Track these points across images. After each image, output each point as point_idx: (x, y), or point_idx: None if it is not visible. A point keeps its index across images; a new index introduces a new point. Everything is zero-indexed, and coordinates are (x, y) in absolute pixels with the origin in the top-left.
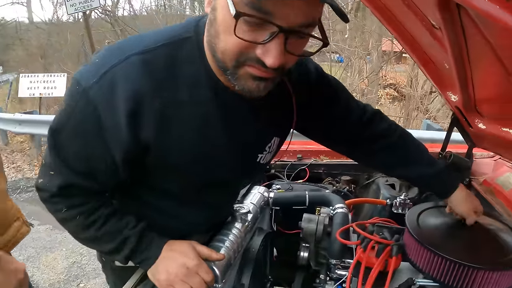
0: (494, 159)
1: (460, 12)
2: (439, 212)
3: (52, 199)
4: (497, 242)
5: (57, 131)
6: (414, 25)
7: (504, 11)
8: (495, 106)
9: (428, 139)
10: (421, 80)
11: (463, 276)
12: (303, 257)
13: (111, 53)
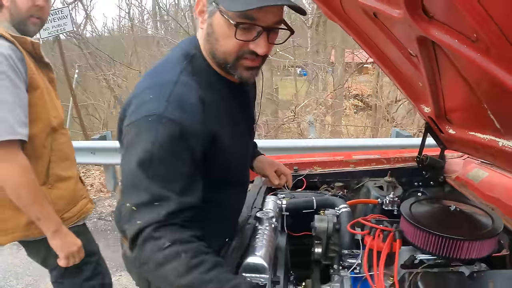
0: (462, 158)
1: (435, 46)
2: (425, 203)
3: (156, 233)
4: (474, 221)
5: (145, 162)
6: (393, 53)
7: (470, 49)
8: (462, 115)
9: (398, 146)
10: (386, 90)
11: (453, 248)
12: (317, 252)
13: (159, 84)
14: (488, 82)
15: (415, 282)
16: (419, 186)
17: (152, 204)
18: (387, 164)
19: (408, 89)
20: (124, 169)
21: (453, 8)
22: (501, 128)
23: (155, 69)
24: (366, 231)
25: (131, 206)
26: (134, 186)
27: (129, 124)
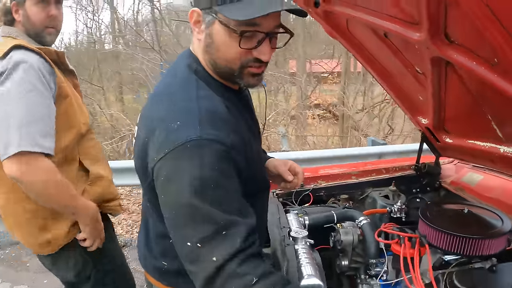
0: (454, 163)
1: (447, 66)
2: (439, 208)
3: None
4: (486, 220)
5: (200, 189)
6: (396, 69)
7: (488, 71)
8: (462, 125)
9: (375, 154)
10: (351, 99)
11: (475, 246)
12: (344, 265)
13: (181, 107)
14: (498, 98)
15: (451, 281)
16: (417, 193)
17: (221, 234)
18: (387, 174)
19: (406, 102)
20: (173, 206)
21: (477, 35)
22: (503, 136)
23: (166, 92)
24: (395, 240)
25: (194, 243)
26: (192, 220)
27: (162, 158)
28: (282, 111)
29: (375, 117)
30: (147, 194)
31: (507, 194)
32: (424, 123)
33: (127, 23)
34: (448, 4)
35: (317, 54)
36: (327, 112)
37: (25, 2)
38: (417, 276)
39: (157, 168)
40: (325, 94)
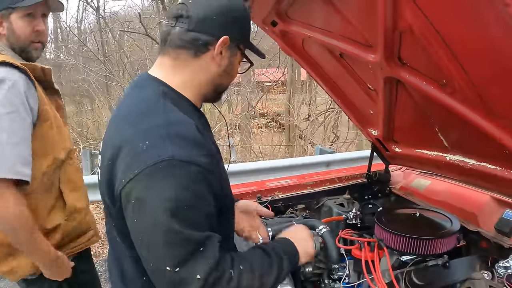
0: (402, 170)
1: (398, 84)
2: (392, 213)
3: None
4: (437, 222)
5: (177, 210)
6: (349, 86)
7: (437, 91)
8: (411, 136)
9: (323, 163)
10: (297, 108)
11: (424, 246)
12: (308, 271)
13: (150, 128)
14: (444, 112)
15: (410, 278)
16: (370, 199)
17: (199, 251)
18: (340, 183)
19: (357, 115)
20: (147, 230)
21: (428, 58)
22: (448, 145)
23: (133, 114)
24: (355, 245)
25: (172, 268)
26: (169, 243)
27: (132, 180)
28: (229, 122)
29: (320, 125)
30: (117, 225)
31: (454, 197)
32: (375, 135)
33: (70, 31)
34: (403, 31)
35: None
36: (272, 122)
37: (10, 15)
38: (378, 276)
39: (126, 191)
40: (271, 104)
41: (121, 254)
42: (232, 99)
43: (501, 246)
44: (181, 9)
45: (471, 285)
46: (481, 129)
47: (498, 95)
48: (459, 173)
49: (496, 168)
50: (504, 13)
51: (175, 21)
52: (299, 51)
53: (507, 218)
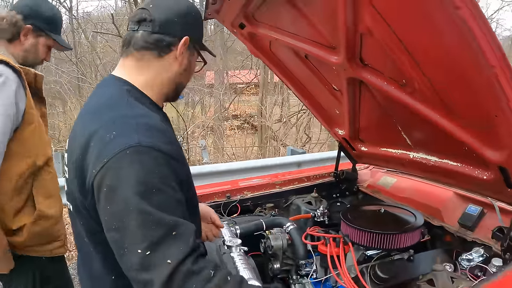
0: (369, 169)
1: (361, 84)
2: (359, 210)
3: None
4: (401, 218)
5: (146, 192)
6: (315, 86)
7: (397, 90)
8: (376, 135)
9: (294, 163)
10: (269, 110)
11: (388, 240)
12: (276, 267)
13: (117, 119)
14: (406, 112)
15: (374, 272)
16: (338, 197)
17: (171, 236)
18: (308, 182)
19: (324, 115)
20: (120, 214)
21: (388, 60)
22: (411, 144)
23: (100, 110)
24: (321, 241)
25: (144, 250)
26: (141, 225)
27: (102, 168)
28: (202, 124)
29: (293, 126)
30: (85, 223)
31: (419, 194)
32: (341, 134)
33: None
34: (363, 33)
35: (235, 65)
36: (245, 123)
37: (40, 37)
38: (344, 271)
39: (98, 180)
40: (244, 105)
41: (89, 255)
42: (205, 101)
43: (465, 239)
44: (144, 14)
45: (433, 277)
46: (441, 128)
47: (457, 98)
48: (422, 170)
49: (457, 164)
50: (454, 16)
51: (137, 25)
52: (267, 53)
53: (470, 213)
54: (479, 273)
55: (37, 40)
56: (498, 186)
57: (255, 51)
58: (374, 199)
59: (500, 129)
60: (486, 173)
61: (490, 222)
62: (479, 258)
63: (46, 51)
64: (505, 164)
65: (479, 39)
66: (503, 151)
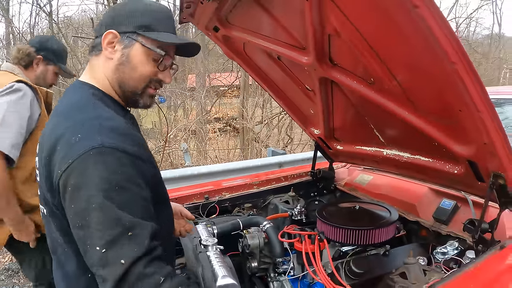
0: (346, 167)
1: (332, 84)
2: (333, 207)
3: (147, 269)
4: (376, 214)
5: (109, 190)
6: (288, 87)
7: (366, 88)
8: (350, 133)
9: (276, 164)
10: (250, 112)
11: (367, 237)
12: (254, 266)
13: (82, 122)
14: (376, 110)
15: (349, 267)
16: (315, 196)
17: (127, 236)
18: (286, 181)
19: (299, 115)
20: (83, 212)
21: (355, 59)
22: (384, 141)
23: (65, 112)
24: (296, 239)
25: (101, 247)
26: (100, 223)
27: (67, 169)
28: (184, 127)
29: (274, 128)
30: (58, 224)
31: (394, 190)
32: (317, 133)
33: (23, 37)
34: (331, 34)
35: (216, 68)
36: (227, 126)
37: (49, 65)
38: (319, 267)
39: (63, 181)
40: (225, 108)
41: (63, 255)
42: (187, 104)
43: (439, 233)
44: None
45: (405, 270)
46: (410, 124)
47: (423, 94)
48: (396, 166)
49: (428, 160)
50: (414, 15)
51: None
52: (241, 55)
53: (444, 207)
54: (454, 266)
55: (46, 67)
56: (469, 180)
57: (230, 54)
58: (351, 196)
59: (466, 124)
60: (457, 168)
61: (464, 215)
62: (453, 251)
63: (53, 77)
64: (473, 158)
65: (438, 37)
66: (470, 145)
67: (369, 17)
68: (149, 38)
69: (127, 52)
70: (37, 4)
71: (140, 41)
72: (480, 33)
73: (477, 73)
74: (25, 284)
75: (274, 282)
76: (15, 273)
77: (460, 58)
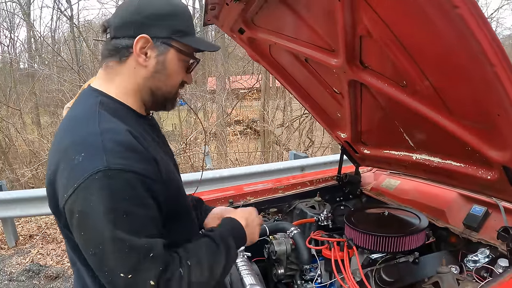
0: (372, 171)
1: (362, 86)
2: (362, 213)
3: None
4: (405, 220)
5: (118, 220)
6: (316, 90)
7: (398, 92)
8: (378, 137)
9: (298, 167)
10: (271, 115)
11: (397, 244)
12: (280, 273)
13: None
14: (407, 113)
15: (379, 275)
16: (341, 201)
17: (148, 257)
18: (311, 186)
19: (325, 119)
20: (95, 242)
21: (388, 61)
22: (414, 145)
23: (70, 126)
24: (325, 246)
25: (126, 274)
26: (117, 252)
27: (72, 194)
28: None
29: (295, 131)
30: (69, 241)
31: (423, 196)
32: (343, 137)
33: (44, 41)
34: (363, 35)
35: (237, 71)
36: (248, 128)
37: None
38: (348, 275)
39: (69, 206)
40: (246, 110)
41: (80, 270)
42: (207, 107)
43: (470, 240)
44: (104, 22)
45: (438, 279)
46: (443, 128)
47: (459, 98)
48: (425, 171)
49: (460, 165)
50: (453, 15)
51: (104, 36)
52: (267, 58)
53: (475, 214)
54: (485, 274)
55: None
56: (502, 186)
57: (255, 56)
58: (378, 201)
59: (503, 128)
60: (490, 173)
61: (495, 222)
62: (485, 259)
63: None
64: (509, 163)
65: (478, 38)
66: (507, 151)
67: (404, 17)
68: (185, 45)
69: (162, 59)
70: (58, 9)
71: (176, 47)
72: (501, 33)
73: None
74: (46, 286)
75: None
76: (36, 274)
77: (501, 60)
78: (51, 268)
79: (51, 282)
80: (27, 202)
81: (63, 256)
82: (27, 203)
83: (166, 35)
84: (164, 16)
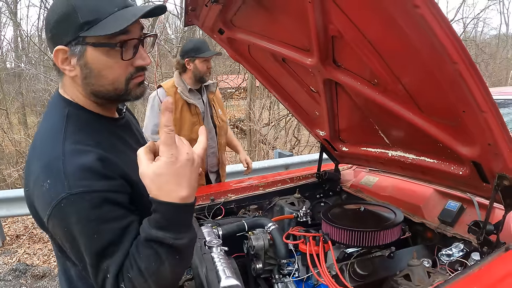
0: (352, 169)
1: (337, 85)
2: (338, 209)
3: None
4: (381, 215)
5: (88, 244)
6: (294, 89)
7: (370, 90)
8: (355, 135)
9: (282, 165)
10: (257, 114)
11: (372, 238)
12: (258, 267)
13: (47, 165)
14: (381, 111)
15: (354, 269)
16: (321, 197)
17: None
18: (292, 183)
19: (305, 117)
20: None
21: (359, 60)
22: (389, 142)
23: (36, 145)
24: (301, 240)
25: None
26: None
27: (49, 219)
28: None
29: (282, 129)
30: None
31: (400, 192)
32: (322, 135)
33: (31, 40)
34: (334, 36)
35: (224, 70)
36: (234, 128)
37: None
38: (323, 269)
39: (50, 227)
40: (233, 110)
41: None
42: None
43: (445, 235)
44: None
45: (409, 272)
46: (415, 125)
47: (427, 95)
48: (401, 168)
49: (433, 161)
50: (414, 15)
51: None
52: (246, 58)
53: (450, 209)
54: (459, 268)
55: (194, 63)
56: (474, 181)
57: (235, 56)
58: (357, 198)
59: (469, 125)
60: (462, 169)
61: (470, 217)
62: (459, 253)
63: (203, 67)
64: (478, 159)
65: (440, 37)
66: (475, 146)
67: (370, 18)
68: (98, 36)
69: (83, 62)
70: (45, 8)
71: (91, 42)
72: (488, 33)
73: (480, 73)
74: (32, 285)
75: (278, 283)
76: (23, 274)
77: (462, 58)
78: (38, 268)
79: (37, 281)
80: (13, 202)
81: (50, 255)
82: (13, 203)
83: (73, 36)
84: (65, 17)
